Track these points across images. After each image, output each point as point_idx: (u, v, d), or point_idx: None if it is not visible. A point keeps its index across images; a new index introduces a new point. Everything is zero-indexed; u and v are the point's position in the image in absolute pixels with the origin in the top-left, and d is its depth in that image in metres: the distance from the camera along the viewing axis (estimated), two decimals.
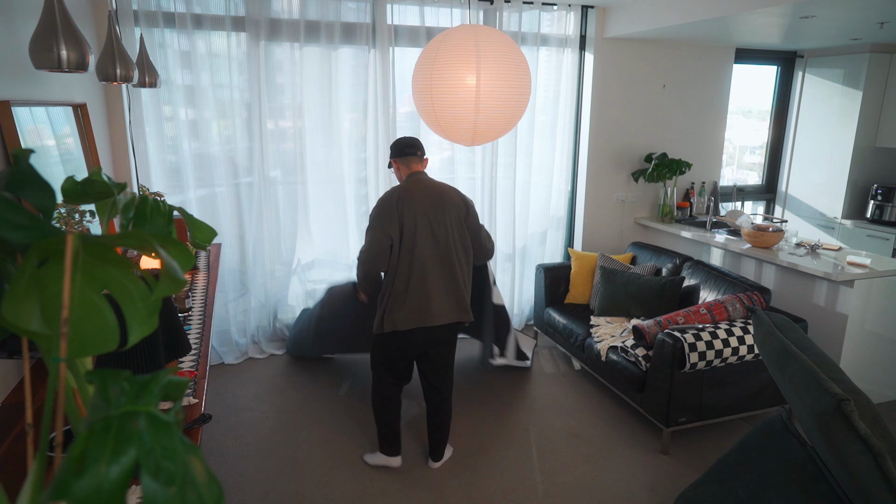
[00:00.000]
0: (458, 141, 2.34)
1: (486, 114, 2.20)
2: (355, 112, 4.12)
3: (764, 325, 1.75)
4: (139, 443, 0.45)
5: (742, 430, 3.28)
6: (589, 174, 4.69)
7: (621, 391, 3.36)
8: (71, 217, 2.09)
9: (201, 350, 2.20)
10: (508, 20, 4.23)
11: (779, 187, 5.61)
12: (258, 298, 4.17)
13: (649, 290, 3.70)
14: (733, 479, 1.83)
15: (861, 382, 3.35)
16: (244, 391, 3.69)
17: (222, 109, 3.86)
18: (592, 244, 4.81)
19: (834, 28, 3.98)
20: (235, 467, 2.93)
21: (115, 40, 2.45)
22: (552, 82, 4.47)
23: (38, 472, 0.49)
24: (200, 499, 0.44)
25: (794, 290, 3.64)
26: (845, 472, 1.40)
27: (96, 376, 0.49)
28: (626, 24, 4.18)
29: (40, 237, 0.52)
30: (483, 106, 2.17)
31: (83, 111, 2.93)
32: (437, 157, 4.42)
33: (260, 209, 4.01)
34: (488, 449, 3.11)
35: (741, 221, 4.19)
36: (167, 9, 3.58)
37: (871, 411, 1.38)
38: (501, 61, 2.17)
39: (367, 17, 3.97)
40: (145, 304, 0.56)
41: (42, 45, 1.83)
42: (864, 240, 4.91)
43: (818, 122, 5.21)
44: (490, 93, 2.16)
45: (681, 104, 4.82)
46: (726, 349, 2.95)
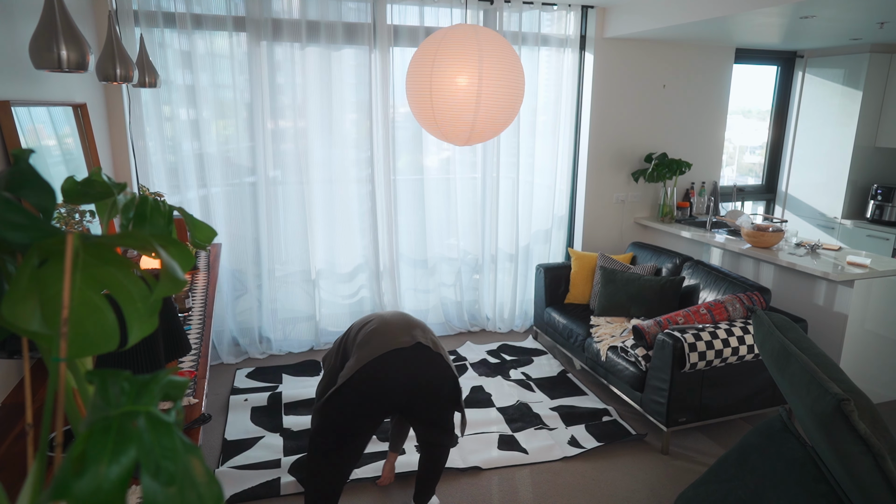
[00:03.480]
0: (452, 140, 2.34)
1: (485, 114, 2.20)
2: (356, 112, 4.12)
3: (764, 325, 1.75)
4: (139, 443, 0.45)
5: (742, 430, 3.28)
6: (589, 174, 4.69)
7: (621, 391, 3.36)
8: (71, 217, 2.09)
9: (201, 350, 2.20)
10: (508, 20, 4.23)
11: (779, 187, 5.61)
12: (258, 298, 4.17)
13: (649, 290, 3.70)
14: (733, 479, 1.83)
15: (861, 382, 3.35)
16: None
17: (223, 109, 3.86)
18: (592, 244, 4.81)
19: (834, 28, 3.98)
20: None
21: (115, 40, 2.45)
22: (552, 82, 4.47)
23: (38, 472, 0.49)
24: (200, 499, 0.44)
25: (793, 290, 3.64)
26: (845, 472, 1.40)
27: (96, 376, 0.49)
28: (626, 24, 4.18)
29: (40, 237, 0.52)
30: (483, 106, 2.17)
31: (83, 111, 2.93)
32: (437, 158, 4.42)
33: (260, 209, 4.01)
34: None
35: (741, 221, 4.19)
36: (167, 9, 3.58)
37: (871, 411, 1.38)
38: (501, 61, 2.17)
39: (368, 17, 3.97)
40: (145, 304, 0.56)
41: (42, 45, 1.83)
42: (864, 240, 4.91)
43: (818, 122, 5.21)
44: (490, 93, 2.17)
45: (681, 104, 4.82)
46: (726, 349, 2.96)
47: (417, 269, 4.54)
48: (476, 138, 2.31)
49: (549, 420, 3.32)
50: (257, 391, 3.62)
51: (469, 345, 4.35)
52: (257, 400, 3.50)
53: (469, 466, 2.90)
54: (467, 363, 4.06)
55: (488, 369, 3.97)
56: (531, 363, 4.10)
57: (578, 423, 3.30)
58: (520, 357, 4.19)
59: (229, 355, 4.08)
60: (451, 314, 4.67)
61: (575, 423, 3.29)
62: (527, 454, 3.01)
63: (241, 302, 4.16)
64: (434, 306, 4.60)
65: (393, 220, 4.31)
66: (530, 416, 3.36)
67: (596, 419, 3.34)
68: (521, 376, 3.88)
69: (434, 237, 4.49)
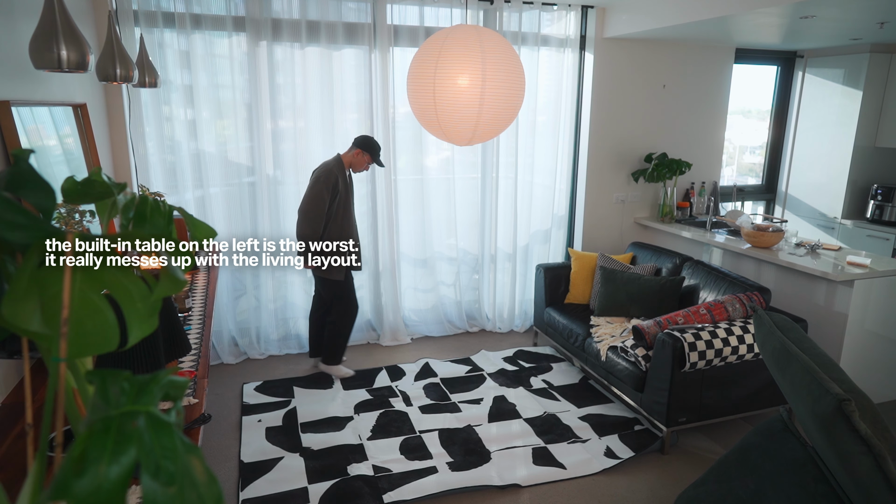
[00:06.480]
0: (455, 141, 2.34)
1: (488, 114, 2.21)
2: (356, 112, 4.12)
3: (764, 325, 1.75)
4: (139, 443, 0.44)
5: (742, 430, 3.28)
6: (589, 174, 4.69)
7: (621, 391, 3.36)
8: (71, 217, 2.09)
9: (201, 350, 2.20)
10: (508, 20, 4.23)
11: (779, 187, 5.61)
12: (258, 298, 4.17)
13: (649, 290, 3.70)
14: (733, 479, 1.83)
15: (861, 382, 3.34)
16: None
17: (222, 109, 3.86)
18: (592, 244, 4.81)
19: (834, 28, 3.98)
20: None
21: (115, 40, 2.45)
22: (552, 82, 4.47)
23: (38, 472, 0.49)
24: (200, 499, 0.44)
25: (793, 289, 3.64)
26: (846, 472, 1.40)
27: (96, 376, 0.49)
28: (626, 24, 4.18)
29: (40, 237, 0.52)
30: (486, 106, 2.18)
31: (83, 111, 2.93)
32: (436, 158, 4.42)
33: (260, 209, 4.01)
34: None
35: (741, 221, 4.19)
36: (167, 9, 3.58)
37: (872, 411, 1.38)
38: (503, 62, 2.18)
39: (368, 17, 3.97)
40: (145, 304, 0.56)
41: (42, 45, 1.83)
42: (864, 240, 4.91)
43: (818, 122, 5.21)
44: (493, 93, 2.17)
45: (681, 104, 4.82)
46: (726, 348, 2.95)
47: (417, 268, 4.54)
48: (478, 138, 2.32)
49: (580, 431, 3.23)
50: (269, 407, 3.46)
51: (484, 353, 4.24)
52: (271, 419, 3.31)
53: (507, 484, 2.78)
54: (485, 373, 3.93)
55: (508, 379, 3.84)
56: (550, 370, 3.99)
57: (611, 433, 3.22)
58: (538, 364, 4.08)
59: (229, 355, 4.08)
60: (451, 314, 4.67)
61: (607, 434, 3.21)
62: (565, 469, 2.91)
63: (240, 302, 4.16)
64: (434, 306, 4.60)
65: (393, 220, 4.30)
66: (560, 427, 3.27)
67: (628, 429, 3.27)
68: (542, 384, 3.78)
69: (434, 237, 4.49)
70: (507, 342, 4.51)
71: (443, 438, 3.15)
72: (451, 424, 3.29)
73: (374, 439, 3.13)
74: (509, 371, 3.98)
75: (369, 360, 4.14)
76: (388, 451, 3.03)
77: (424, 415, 3.39)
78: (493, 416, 3.39)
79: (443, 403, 3.53)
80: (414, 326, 4.59)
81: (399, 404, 3.51)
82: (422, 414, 3.40)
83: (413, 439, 3.13)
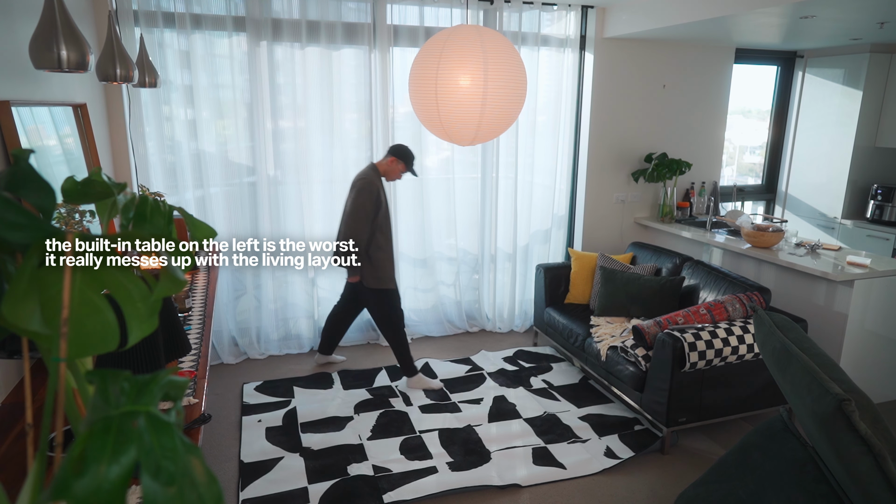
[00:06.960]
0: (457, 141, 2.35)
1: (491, 114, 2.21)
2: (356, 112, 4.12)
3: (765, 325, 1.75)
4: (139, 443, 0.44)
5: (742, 430, 3.28)
6: (589, 174, 4.69)
7: (621, 391, 3.36)
8: (71, 217, 2.09)
9: (201, 350, 2.20)
10: (508, 20, 4.23)
11: (779, 187, 5.61)
12: (258, 298, 4.17)
13: (649, 290, 3.70)
14: (733, 479, 1.83)
15: (861, 382, 3.33)
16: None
17: (223, 109, 3.86)
18: (592, 244, 4.81)
19: (834, 28, 3.98)
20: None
21: (115, 40, 2.45)
22: (552, 82, 4.47)
23: (38, 472, 0.49)
24: (200, 499, 0.44)
25: (793, 289, 3.64)
26: (846, 472, 1.40)
27: (96, 376, 0.49)
28: (626, 24, 4.18)
29: (40, 237, 0.52)
30: (489, 106, 2.18)
31: (83, 111, 2.93)
32: (436, 158, 4.42)
33: (260, 209, 4.01)
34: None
35: (741, 221, 4.19)
36: (167, 9, 3.58)
37: (872, 411, 1.38)
38: (505, 62, 2.18)
39: (368, 17, 3.97)
40: (145, 304, 0.56)
41: (42, 45, 1.83)
42: (864, 240, 4.91)
43: (818, 122, 5.21)
44: (495, 93, 2.17)
45: (681, 104, 4.82)
46: (726, 348, 2.95)
47: (417, 268, 4.54)
48: (481, 138, 2.32)
49: (579, 431, 3.23)
50: (269, 407, 3.45)
51: (484, 353, 4.25)
52: (271, 419, 3.31)
53: (507, 484, 2.79)
54: (485, 373, 3.93)
55: (508, 379, 3.84)
56: (550, 370, 3.99)
57: (611, 433, 3.21)
58: (538, 364, 4.08)
59: (229, 355, 4.08)
60: (451, 314, 4.67)
61: (607, 434, 3.21)
62: (565, 469, 2.91)
63: (241, 302, 4.16)
64: (433, 306, 4.60)
65: (393, 220, 4.30)
66: (560, 427, 3.27)
67: (628, 428, 3.27)
68: (542, 384, 3.78)
69: (434, 237, 4.49)
70: (507, 342, 4.51)
71: (443, 438, 3.15)
72: (451, 424, 3.29)
73: (374, 439, 3.13)
74: (509, 371, 3.97)
75: (369, 360, 4.14)
76: (388, 451, 3.03)
77: (424, 415, 3.39)
78: (493, 416, 3.38)
79: (443, 403, 3.53)
80: (414, 326, 4.59)
81: (399, 404, 3.52)
82: (422, 414, 3.40)
83: (413, 439, 3.13)
